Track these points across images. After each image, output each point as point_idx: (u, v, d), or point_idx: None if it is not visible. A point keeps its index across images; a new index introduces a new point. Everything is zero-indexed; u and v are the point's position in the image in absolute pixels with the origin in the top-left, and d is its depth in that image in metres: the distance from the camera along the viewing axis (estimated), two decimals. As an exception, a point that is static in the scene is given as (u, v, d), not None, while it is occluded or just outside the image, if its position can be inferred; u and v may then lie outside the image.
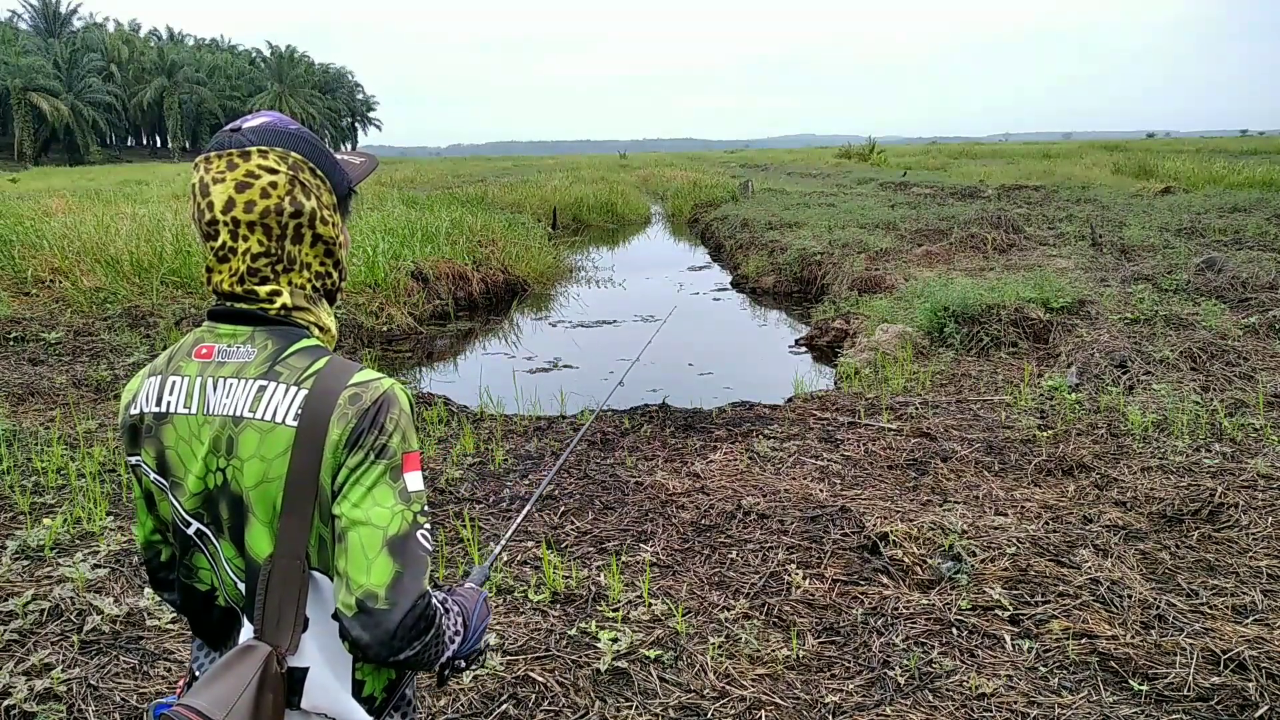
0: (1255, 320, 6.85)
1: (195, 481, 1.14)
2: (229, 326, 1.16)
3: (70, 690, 2.63)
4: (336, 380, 1.11)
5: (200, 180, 1.14)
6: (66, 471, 4.37)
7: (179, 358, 1.18)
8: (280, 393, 1.10)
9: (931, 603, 3.13)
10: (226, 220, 1.12)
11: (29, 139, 68.51)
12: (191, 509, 1.15)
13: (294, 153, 1.16)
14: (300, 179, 1.15)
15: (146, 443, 1.17)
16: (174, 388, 1.16)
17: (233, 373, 1.13)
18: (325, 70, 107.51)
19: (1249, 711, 2.50)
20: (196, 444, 1.13)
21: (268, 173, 1.13)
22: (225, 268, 1.15)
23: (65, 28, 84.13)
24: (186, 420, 1.14)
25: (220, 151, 1.13)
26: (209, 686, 1.04)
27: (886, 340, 7.30)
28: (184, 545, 1.20)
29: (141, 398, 1.19)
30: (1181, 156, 31.47)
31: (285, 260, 1.16)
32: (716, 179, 29.81)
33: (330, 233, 1.20)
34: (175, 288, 9.18)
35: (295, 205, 1.15)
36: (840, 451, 4.77)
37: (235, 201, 1.12)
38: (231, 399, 1.12)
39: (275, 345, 1.14)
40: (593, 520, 3.96)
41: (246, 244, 1.13)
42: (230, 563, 1.16)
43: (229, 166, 1.12)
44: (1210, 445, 4.57)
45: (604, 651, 2.85)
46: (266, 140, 1.14)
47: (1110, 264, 9.87)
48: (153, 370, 1.20)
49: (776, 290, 11.95)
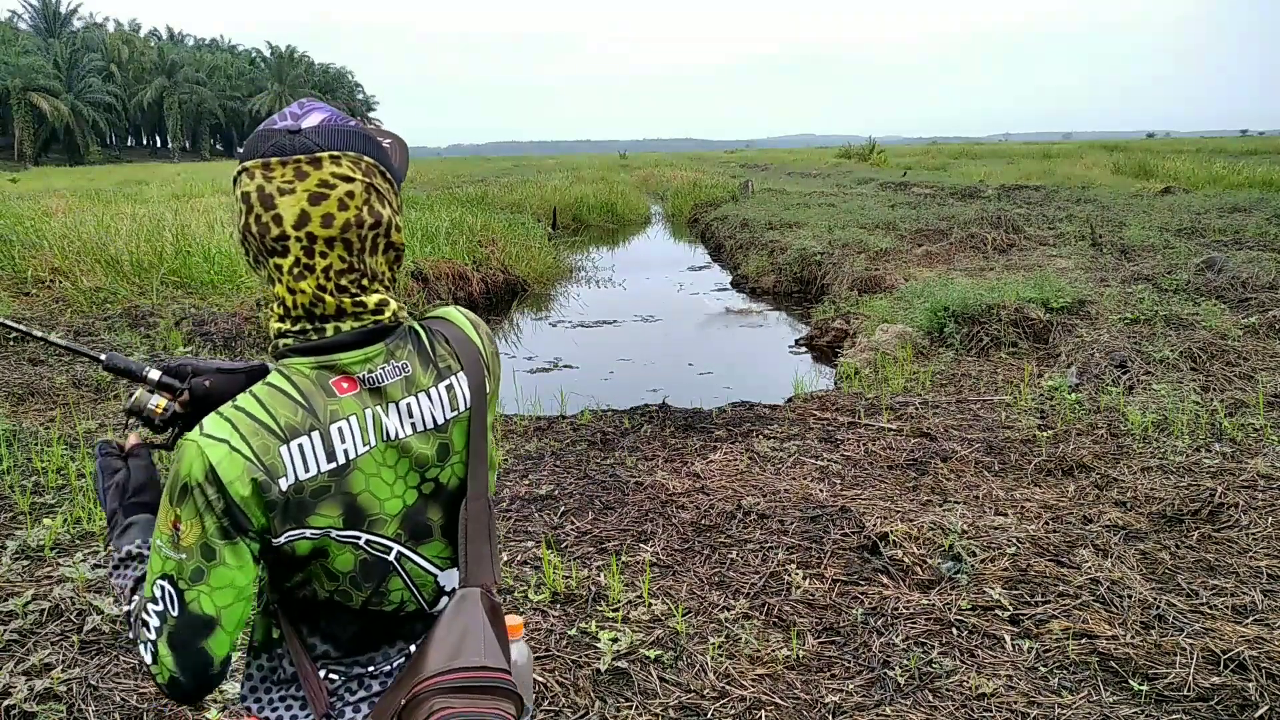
0: (1255, 320, 6.85)
1: (394, 504, 1.09)
2: (353, 354, 1.07)
3: (70, 690, 2.63)
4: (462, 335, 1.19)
5: (259, 190, 1.01)
6: (66, 471, 4.37)
7: (317, 404, 1.04)
8: (462, 380, 1.16)
9: (931, 603, 3.14)
10: (300, 236, 1.01)
11: (29, 139, 68.52)
12: (392, 534, 1.10)
13: (366, 157, 1.05)
14: (375, 185, 1.05)
15: (322, 506, 1.03)
16: (344, 434, 1.04)
17: (403, 392, 1.09)
18: (325, 70, 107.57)
19: (1249, 712, 2.50)
20: (386, 471, 1.08)
21: (343, 181, 1.02)
22: (308, 285, 1.04)
23: (65, 28, 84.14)
24: (370, 456, 1.06)
25: (284, 158, 1.00)
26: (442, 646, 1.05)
27: (886, 340, 7.30)
28: (381, 576, 1.11)
29: (296, 466, 1.01)
30: (1181, 156, 31.47)
31: (368, 274, 1.07)
32: (716, 179, 29.82)
33: (400, 240, 1.11)
34: (175, 287, 9.18)
35: (375, 215, 1.05)
36: (840, 451, 4.77)
37: (310, 215, 1.01)
38: (422, 414, 1.10)
39: (414, 346, 1.13)
40: (593, 520, 3.96)
41: (326, 261, 1.03)
42: (437, 559, 1.15)
43: (298, 175, 1.00)
44: (1210, 445, 4.57)
45: (604, 651, 2.85)
46: (335, 144, 1.02)
47: (1110, 264, 9.86)
48: (286, 433, 1.01)
49: (776, 290, 11.95)
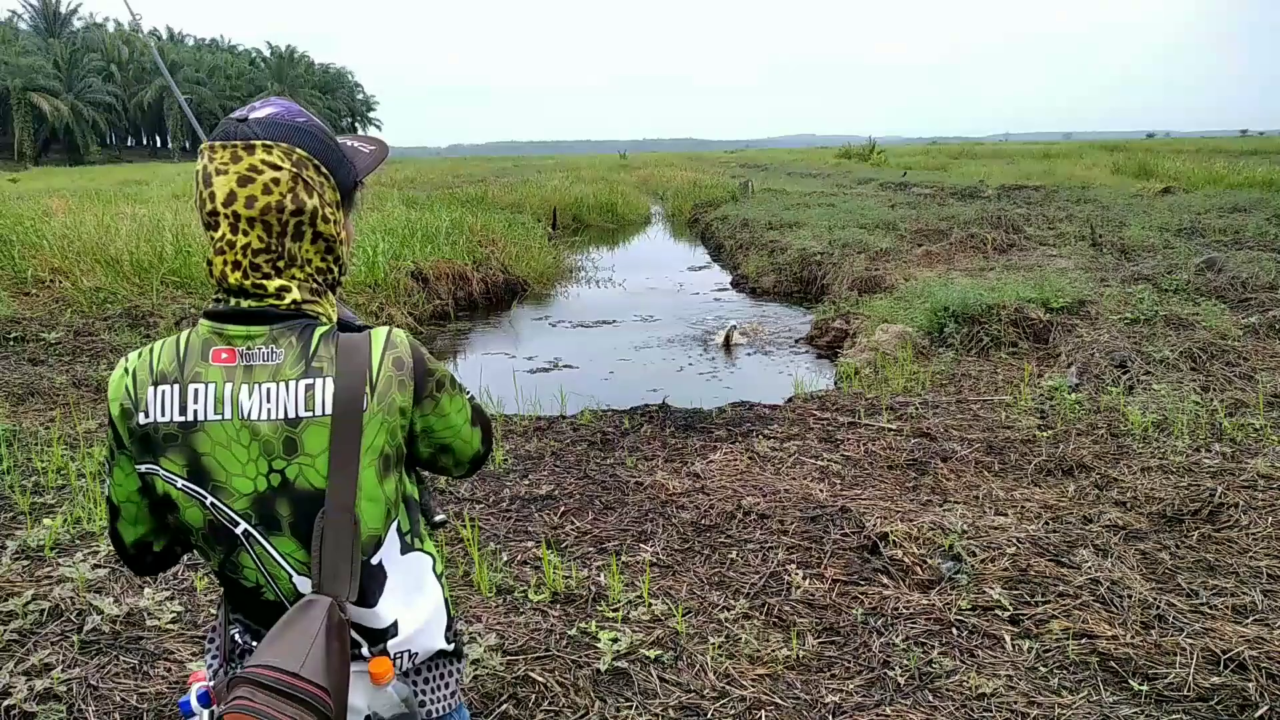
0: (1255, 320, 6.85)
1: (244, 483, 1.14)
2: (239, 327, 1.15)
3: (70, 690, 2.63)
4: (360, 355, 1.16)
5: (204, 169, 1.13)
6: (66, 471, 4.37)
7: (193, 363, 1.15)
8: (329, 385, 1.14)
9: (931, 603, 3.13)
10: (227, 213, 1.12)
11: (29, 139, 68.48)
12: (241, 510, 1.15)
13: (299, 149, 1.14)
14: (304, 176, 1.14)
15: (170, 452, 1.15)
16: (198, 396, 1.14)
17: (268, 376, 1.14)
18: (325, 70, 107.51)
19: (1249, 712, 2.50)
20: (238, 447, 1.14)
21: (271, 169, 1.12)
22: (223, 260, 1.14)
23: (65, 28, 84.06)
24: (221, 426, 1.13)
25: (225, 142, 1.12)
26: (275, 643, 1.07)
27: (886, 340, 7.30)
28: (229, 545, 1.18)
29: (154, 408, 1.15)
30: (1181, 156, 31.47)
31: (286, 257, 1.16)
32: (716, 179, 29.82)
33: (331, 230, 1.19)
34: (175, 288, 9.18)
35: (297, 203, 1.14)
36: (840, 451, 4.77)
37: (237, 195, 1.11)
38: (276, 403, 1.13)
39: (300, 341, 1.15)
40: (593, 520, 3.96)
41: (246, 239, 1.13)
42: (289, 557, 1.17)
43: (233, 159, 1.12)
44: (1210, 445, 4.57)
45: (604, 651, 2.85)
46: (272, 134, 1.13)
47: (1110, 264, 9.86)
48: (159, 378, 1.15)
49: (776, 290, 11.95)
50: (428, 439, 1.26)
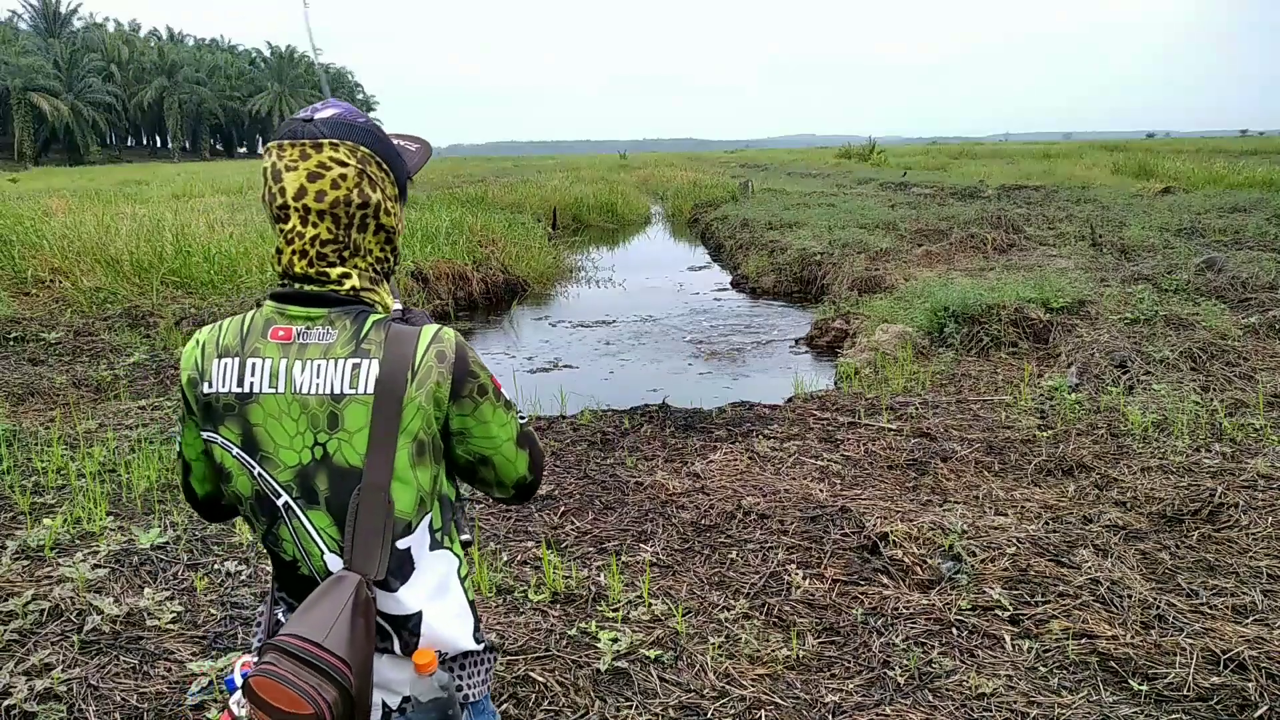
0: (1255, 320, 6.85)
1: (290, 455, 1.21)
2: (300, 309, 1.23)
3: (70, 690, 2.63)
4: (407, 343, 1.21)
5: (273, 166, 1.21)
6: (66, 471, 4.37)
7: (253, 339, 1.23)
8: (375, 366, 1.20)
9: (931, 603, 3.13)
10: (297, 207, 1.20)
11: (29, 139, 68.52)
12: (284, 481, 1.22)
13: (363, 146, 1.23)
14: (368, 172, 1.23)
15: (229, 421, 1.23)
16: (255, 369, 1.22)
17: (319, 354, 1.21)
18: (325, 70, 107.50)
19: (1249, 712, 2.50)
20: (287, 420, 1.21)
21: (338, 165, 1.20)
22: (292, 250, 1.22)
23: (65, 28, 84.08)
24: (275, 399, 1.21)
25: (294, 140, 1.20)
26: (305, 615, 1.12)
27: (886, 340, 7.30)
28: (271, 517, 1.25)
29: (216, 379, 1.23)
30: (1181, 156, 31.46)
31: (351, 247, 1.24)
32: (716, 179, 29.81)
33: (391, 222, 1.28)
34: (175, 288, 9.18)
35: (363, 197, 1.23)
36: (840, 451, 4.77)
37: (307, 190, 1.20)
38: (324, 378, 1.20)
39: (354, 325, 1.22)
40: (593, 520, 3.96)
41: (315, 230, 1.21)
42: (323, 532, 1.23)
43: (302, 156, 1.20)
44: (1210, 445, 4.57)
45: (604, 651, 2.85)
46: (338, 133, 1.21)
47: (1110, 264, 9.86)
48: (223, 351, 1.23)
49: (776, 290, 11.95)
50: (464, 443, 1.29)
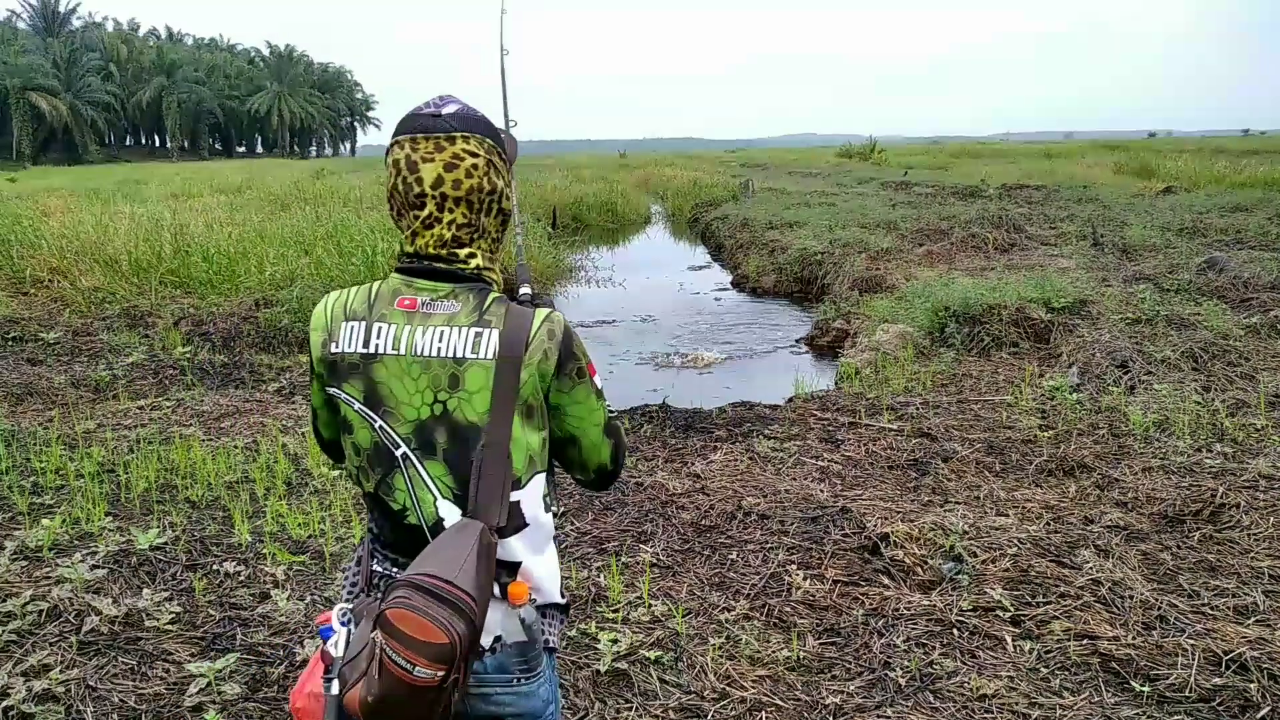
0: (1257, 320, 6.84)
1: (410, 410, 1.32)
2: (428, 283, 1.35)
3: (69, 691, 2.62)
4: (525, 316, 1.33)
5: (407, 158, 1.33)
6: (65, 472, 4.36)
7: (381, 306, 1.35)
8: (495, 335, 1.31)
9: (932, 603, 3.13)
10: (435, 195, 1.33)
11: (27, 138, 68.48)
12: (404, 434, 1.33)
13: (488, 139, 1.36)
14: (493, 162, 1.37)
15: (353, 378, 1.34)
16: (381, 333, 1.33)
17: (444, 322, 1.32)
18: (324, 69, 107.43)
19: (1250, 712, 2.50)
20: (408, 380, 1.32)
21: (470, 156, 1.33)
22: (430, 234, 1.35)
23: (64, 27, 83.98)
24: (397, 360, 1.32)
25: (428, 134, 1.32)
26: (434, 555, 1.23)
27: (887, 340, 7.29)
28: (388, 466, 1.35)
29: (344, 340, 1.35)
30: (1183, 156, 31.43)
31: (479, 229, 1.38)
32: (717, 179, 29.78)
33: (509, 206, 1.44)
34: (174, 287, 9.17)
35: (491, 184, 1.37)
36: (841, 452, 4.76)
37: (444, 179, 1.32)
38: (446, 343, 1.31)
39: (476, 299, 1.34)
40: (592, 520, 3.95)
41: (452, 215, 1.34)
42: (439, 480, 1.33)
43: (437, 149, 1.32)
44: (1212, 445, 4.56)
45: (604, 653, 2.84)
46: (468, 127, 1.34)
47: (1112, 264, 9.85)
48: (351, 315, 1.35)
49: (777, 290, 11.94)
50: (558, 419, 1.40)
